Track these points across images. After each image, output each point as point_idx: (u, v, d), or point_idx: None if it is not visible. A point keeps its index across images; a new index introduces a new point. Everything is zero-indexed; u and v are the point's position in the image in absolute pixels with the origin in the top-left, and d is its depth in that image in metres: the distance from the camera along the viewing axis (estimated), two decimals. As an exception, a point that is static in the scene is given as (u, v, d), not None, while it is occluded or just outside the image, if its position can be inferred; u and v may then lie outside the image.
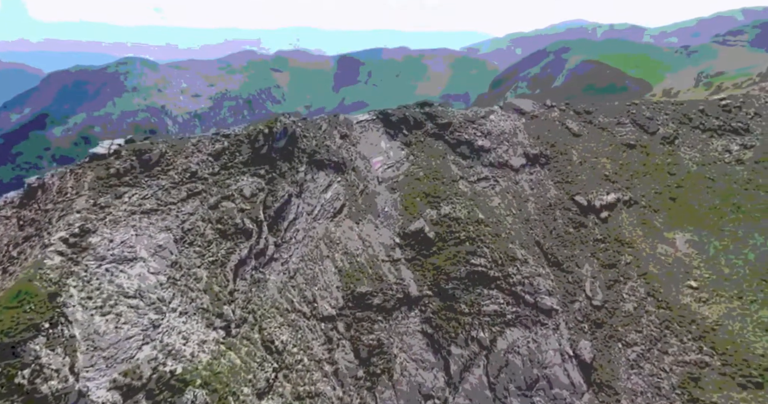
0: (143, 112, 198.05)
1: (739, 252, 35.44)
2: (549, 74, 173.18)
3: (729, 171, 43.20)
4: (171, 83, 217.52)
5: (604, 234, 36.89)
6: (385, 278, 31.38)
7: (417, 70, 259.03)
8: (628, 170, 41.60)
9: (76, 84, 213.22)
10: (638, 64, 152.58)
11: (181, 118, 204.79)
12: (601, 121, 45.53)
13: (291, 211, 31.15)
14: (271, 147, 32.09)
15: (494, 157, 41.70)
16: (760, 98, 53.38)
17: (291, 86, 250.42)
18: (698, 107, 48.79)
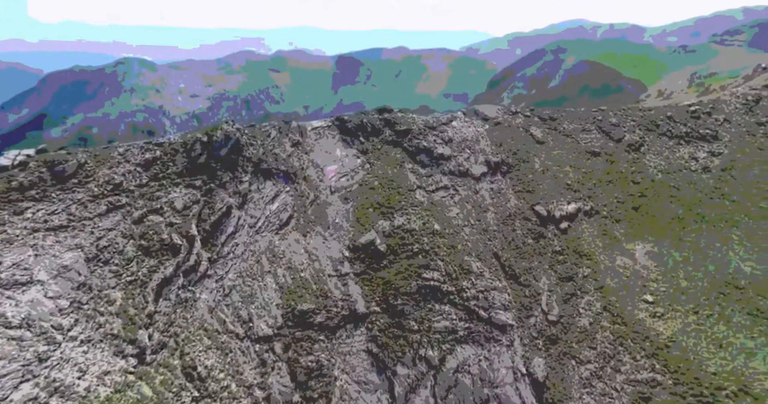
0: (141, 112, 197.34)
1: (700, 264, 34.92)
2: (546, 74, 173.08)
3: (695, 179, 42.87)
4: (169, 83, 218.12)
5: (563, 246, 36.12)
6: (330, 294, 30.13)
7: (416, 70, 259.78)
8: (591, 179, 40.97)
9: (73, 84, 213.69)
10: (635, 64, 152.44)
11: (179, 118, 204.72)
12: (565, 128, 44.92)
13: (230, 224, 29.76)
14: (211, 156, 30.68)
15: (454, 165, 40.76)
16: (731, 104, 53.40)
17: (290, 86, 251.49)
18: (666, 113, 48.52)
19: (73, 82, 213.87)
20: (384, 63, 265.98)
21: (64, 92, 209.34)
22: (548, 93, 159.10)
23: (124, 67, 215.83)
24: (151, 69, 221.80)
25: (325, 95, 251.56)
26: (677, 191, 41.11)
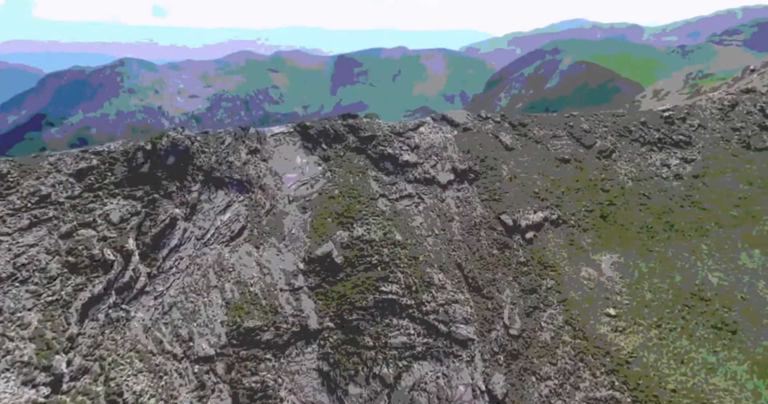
0: (140, 112, 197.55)
1: (666, 275, 34.33)
2: (542, 75, 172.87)
3: (666, 186, 42.42)
4: (168, 84, 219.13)
5: (527, 257, 35.33)
6: (281, 310, 28.97)
7: (415, 70, 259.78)
8: (559, 186, 40.30)
9: (72, 85, 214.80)
10: (633, 64, 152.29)
11: (178, 119, 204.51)
12: (536, 134, 44.27)
13: (174, 237, 28.48)
14: (156, 165, 29.40)
15: (420, 173, 39.85)
16: (706, 109, 53.24)
17: (288, 87, 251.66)
18: (640, 119, 48.11)
19: (72, 82, 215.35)
20: (383, 63, 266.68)
21: (62, 93, 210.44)
22: (545, 93, 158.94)
23: (123, 67, 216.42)
24: (150, 69, 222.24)
25: (324, 95, 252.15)
26: (647, 199, 40.60)
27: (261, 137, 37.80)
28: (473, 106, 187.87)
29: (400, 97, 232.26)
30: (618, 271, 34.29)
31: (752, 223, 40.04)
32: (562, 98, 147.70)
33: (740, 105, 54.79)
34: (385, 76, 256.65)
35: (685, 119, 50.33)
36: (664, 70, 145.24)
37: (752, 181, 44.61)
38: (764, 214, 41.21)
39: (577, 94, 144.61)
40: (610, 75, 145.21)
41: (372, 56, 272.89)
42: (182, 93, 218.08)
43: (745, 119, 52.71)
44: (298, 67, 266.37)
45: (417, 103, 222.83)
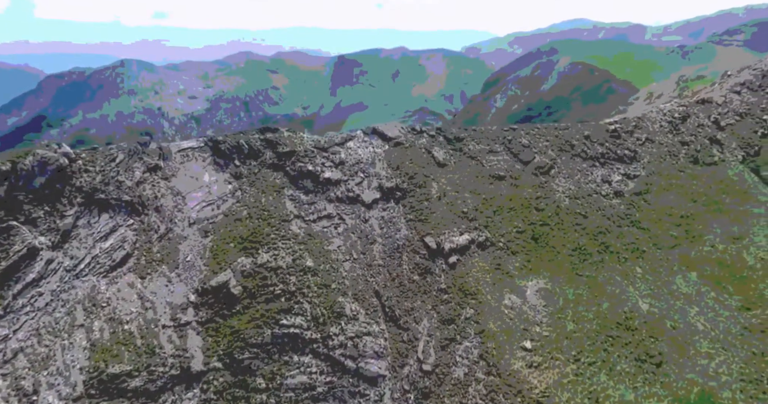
0: (140, 114, 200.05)
1: (593, 302, 32.88)
2: (539, 76, 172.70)
3: (604, 205, 41.26)
4: (168, 85, 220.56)
5: (449, 283, 33.54)
6: (159, 350, 26.50)
7: (415, 71, 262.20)
8: (491, 206, 38.76)
9: (72, 86, 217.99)
10: (630, 64, 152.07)
11: (178, 119, 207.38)
12: (471, 149, 42.81)
13: (33, 269, 25.89)
14: (16, 188, 26.82)
15: (343, 191, 37.91)
16: (657, 121, 52.68)
17: (288, 87, 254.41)
18: (584, 132, 47.11)
19: (72, 83, 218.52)
20: (382, 63, 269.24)
21: (62, 94, 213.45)
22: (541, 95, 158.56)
23: (123, 68, 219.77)
24: (150, 70, 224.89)
25: (323, 96, 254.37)
26: (583, 218, 39.32)
27: (165, 153, 35.43)
28: (471, 107, 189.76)
29: (399, 98, 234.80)
30: (543, 299, 32.68)
31: (692, 244, 39.07)
32: (558, 99, 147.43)
33: (692, 117, 54.48)
34: (384, 77, 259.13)
35: (633, 132, 49.60)
36: (663, 70, 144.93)
37: (697, 198, 43.86)
38: (706, 234, 40.37)
39: (573, 96, 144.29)
40: (605, 76, 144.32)
41: (372, 57, 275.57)
42: (182, 94, 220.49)
43: (696, 132, 52.33)
44: (297, 67, 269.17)
45: (416, 104, 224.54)
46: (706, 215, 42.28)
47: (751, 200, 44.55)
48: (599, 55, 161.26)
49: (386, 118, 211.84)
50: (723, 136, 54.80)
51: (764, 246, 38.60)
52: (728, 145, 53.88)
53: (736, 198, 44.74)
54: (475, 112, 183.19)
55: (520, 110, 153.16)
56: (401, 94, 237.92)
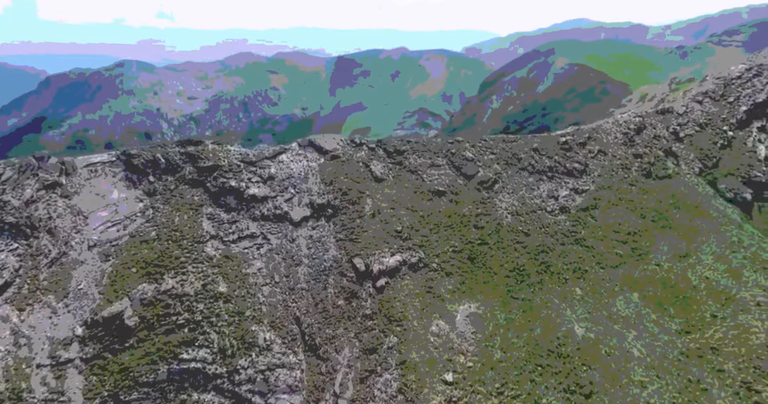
0: (139, 114, 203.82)
1: (526, 327, 31.77)
2: (535, 77, 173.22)
3: (548, 221, 40.47)
4: (167, 86, 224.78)
5: (375, 308, 32.08)
6: (27, 394, 24.32)
7: (414, 71, 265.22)
8: (428, 223, 37.59)
9: (71, 87, 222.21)
10: (629, 65, 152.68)
11: (177, 120, 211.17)
12: (412, 163, 41.71)
13: None
14: None
15: (270, 209, 36.32)
16: (611, 132, 52.47)
17: (287, 88, 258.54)
18: (533, 145, 46.48)
19: (71, 84, 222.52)
20: (382, 64, 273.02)
21: (62, 95, 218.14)
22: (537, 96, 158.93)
23: (122, 69, 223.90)
24: (150, 71, 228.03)
25: (322, 96, 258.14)
26: (525, 237, 38.41)
27: (68, 168, 33.38)
28: (467, 108, 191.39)
29: (398, 98, 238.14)
30: (472, 325, 31.44)
31: (637, 263, 38.46)
32: (554, 101, 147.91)
33: (648, 128, 54.50)
34: (384, 77, 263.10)
35: (585, 144, 49.21)
36: (661, 71, 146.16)
37: (646, 214, 43.47)
38: (653, 252, 39.86)
39: (568, 97, 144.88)
40: (601, 77, 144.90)
41: (371, 57, 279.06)
42: (181, 95, 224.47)
43: (651, 144, 52.27)
44: (297, 68, 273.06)
45: (416, 104, 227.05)
46: (654, 231, 41.84)
47: (703, 215, 44.39)
48: (597, 55, 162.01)
49: (385, 118, 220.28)
50: (681, 147, 54.99)
51: (710, 265, 38.21)
52: (686, 156, 54.02)
53: (687, 213, 44.53)
54: (472, 112, 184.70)
55: (516, 112, 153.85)
56: (401, 95, 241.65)
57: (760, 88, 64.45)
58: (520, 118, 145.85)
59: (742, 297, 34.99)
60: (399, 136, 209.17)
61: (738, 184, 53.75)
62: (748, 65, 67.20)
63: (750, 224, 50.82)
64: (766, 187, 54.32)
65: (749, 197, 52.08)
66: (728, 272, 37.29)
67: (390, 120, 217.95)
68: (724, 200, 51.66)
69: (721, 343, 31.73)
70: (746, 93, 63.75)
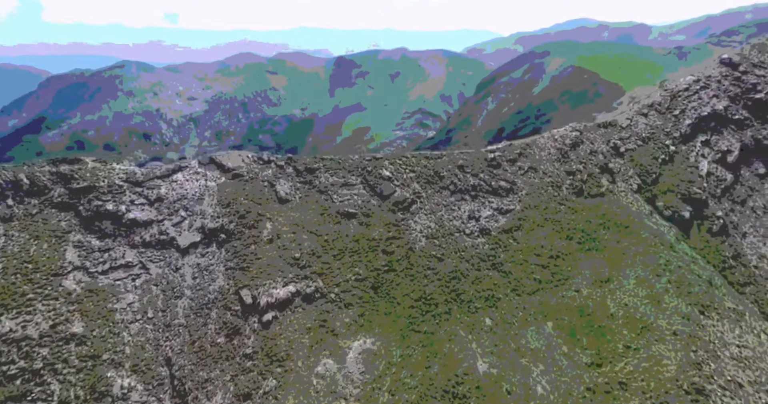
0: (138, 115, 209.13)
1: (422, 364, 30.43)
2: (530, 78, 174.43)
3: (466, 245, 39.57)
4: (167, 86, 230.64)
5: (258, 346, 30.20)
6: None
7: (414, 72, 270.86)
8: (332, 249, 36.12)
9: (71, 87, 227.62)
10: (624, 66, 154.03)
11: (176, 121, 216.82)
12: (323, 182, 40.35)
13: None
14: None
15: (154, 234, 34.23)
16: (546, 148, 52.41)
17: (287, 89, 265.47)
18: (458, 162, 45.84)
19: (71, 85, 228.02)
20: (382, 64, 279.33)
21: (62, 95, 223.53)
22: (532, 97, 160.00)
23: (122, 70, 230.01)
24: (149, 72, 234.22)
25: (322, 97, 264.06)
26: (438, 262, 37.34)
27: None
28: (463, 109, 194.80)
29: (398, 99, 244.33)
30: (364, 363, 29.91)
31: (556, 289, 37.82)
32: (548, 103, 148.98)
33: (585, 143, 54.77)
34: (383, 78, 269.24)
35: (516, 161, 48.92)
36: (659, 72, 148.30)
37: (573, 235, 43.12)
38: (574, 277, 39.35)
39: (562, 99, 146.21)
40: (595, 79, 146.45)
41: (370, 57, 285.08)
42: (181, 95, 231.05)
43: (586, 160, 52.39)
44: (297, 68, 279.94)
45: (415, 105, 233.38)
46: (579, 254, 41.44)
47: (632, 236, 44.32)
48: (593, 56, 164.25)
49: (385, 119, 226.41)
50: (620, 162, 55.39)
51: (631, 290, 37.88)
52: (624, 172, 54.39)
53: (616, 233, 44.41)
54: (468, 114, 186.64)
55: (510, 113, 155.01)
56: (400, 95, 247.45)
57: (706, 101, 66.10)
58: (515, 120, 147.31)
59: (659, 326, 34.62)
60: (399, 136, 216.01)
61: (677, 201, 54.36)
62: (696, 77, 68.97)
63: (687, 243, 51.27)
64: (706, 204, 55.12)
65: (687, 215, 52.67)
66: (649, 298, 36.98)
67: (389, 120, 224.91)
68: (661, 218, 52.11)
69: (631, 377, 31.06)
70: (692, 106, 65.25)
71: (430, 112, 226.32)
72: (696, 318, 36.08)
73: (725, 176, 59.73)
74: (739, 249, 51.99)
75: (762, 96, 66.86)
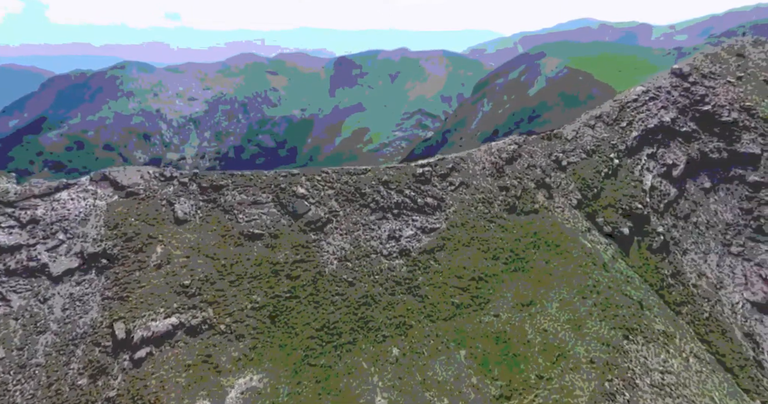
0: (138, 116, 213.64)
1: (312, 403, 28.55)
2: (526, 79, 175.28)
3: (382, 267, 38.17)
4: (167, 87, 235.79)
5: (124, 388, 27.86)
6: None
7: (414, 72, 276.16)
8: (230, 274, 34.19)
9: (72, 88, 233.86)
10: (621, 67, 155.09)
11: (176, 122, 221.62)
12: (229, 200, 38.51)
13: None
14: None
15: (21, 260, 31.67)
16: (481, 162, 51.78)
17: (287, 89, 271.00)
18: (383, 177, 44.70)
19: (72, 85, 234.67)
20: (382, 65, 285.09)
21: (63, 96, 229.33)
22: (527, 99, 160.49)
23: (123, 70, 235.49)
24: (150, 72, 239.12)
25: (323, 97, 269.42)
26: (348, 287, 35.77)
27: None
28: (460, 110, 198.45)
29: (398, 99, 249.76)
30: (245, 403, 27.90)
31: (474, 314, 36.65)
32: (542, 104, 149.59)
33: (524, 157, 54.50)
34: (383, 78, 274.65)
35: (447, 176, 48.09)
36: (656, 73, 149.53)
37: (500, 255, 42.23)
38: (497, 300, 38.32)
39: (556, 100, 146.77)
40: (589, 80, 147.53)
41: (370, 58, 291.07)
42: (181, 96, 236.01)
43: (523, 175, 51.98)
44: (298, 69, 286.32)
45: (415, 106, 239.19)
46: (503, 275, 40.52)
47: (563, 255, 43.74)
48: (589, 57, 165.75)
49: (385, 119, 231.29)
50: (561, 176, 55.24)
51: (552, 315, 37.01)
52: (565, 187, 54.20)
53: (546, 252, 43.79)
54: (463, 115, 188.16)
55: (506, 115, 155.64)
56: (400, 96, 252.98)
57: (654, 112, 66.80)
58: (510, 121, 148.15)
59: (576, 353, 33.71)
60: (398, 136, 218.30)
61: (618, 216, 54.35)
62: (645, 87, 69.93)
63: (626, 261, 51.12)
64: (647, 219, 55.30)
65: (627, 232, 52.57)
66: (570, 323, 36.16)
67: (389, 121, 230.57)
68: (600, 235, 51.94)
69: (540, 411, 29.92)
70: (640, 117, 65.81)
71: (430, 113, 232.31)
72: (618, 343, 35.38)
73: (669, 190, 60.24)
74: (678, 266, 52.12)
75: (709, 108, 67.93)
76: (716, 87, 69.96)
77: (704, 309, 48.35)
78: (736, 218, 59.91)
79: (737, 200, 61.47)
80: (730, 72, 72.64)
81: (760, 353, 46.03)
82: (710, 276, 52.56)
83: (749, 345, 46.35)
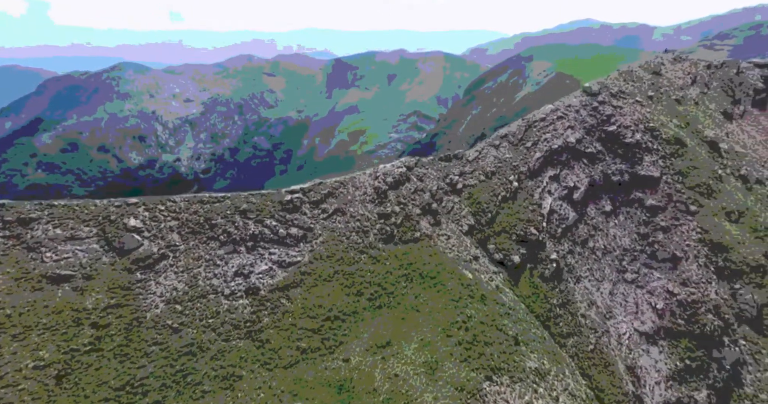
0: (134, 117, 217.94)
1: None
2: (514, 83, 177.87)
3: (221, 309, 35.31)
4: (163, 88, 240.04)
5: None
6: None
7: (411, 74, 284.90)
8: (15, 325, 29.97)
9: (68, 89, 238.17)
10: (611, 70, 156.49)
11: (172, 123, 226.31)
12: (39, 236, 34.54)
13: None
14: None
15: None
16: (362, 186, 50.39)
17: (285, 91, 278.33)
18: (242, 206, 42.20)
19: (69, 86, 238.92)
20: (379, 66, 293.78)
21: (60, 97, 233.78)
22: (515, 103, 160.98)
23: (119, 72, 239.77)
24: (146, 74, 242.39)
25: (320, 99, 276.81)
26: (172, 334, 32.50)
27: None
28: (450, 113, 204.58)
29: (394, 101, 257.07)
30: None
31: (321, 359, 34.33)
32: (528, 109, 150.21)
33: (413, 180, 53.78)
34: (380, 80, 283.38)
35: (321, 202, 46.32)
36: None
37: (365, 290, 40.51)
38: (352, 340, 36.27)
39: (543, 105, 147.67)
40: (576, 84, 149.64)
41: (367, 60, 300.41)
42: (177, 97, 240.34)
43: (408, 200, 51.11)
44: (295, 70, 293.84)
45: (411, 107, 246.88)
46: (365, 313, 38.71)
47: (436, 288, 42.56)
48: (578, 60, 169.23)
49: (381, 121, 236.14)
50: (455, 201, 54.87)
51: (408, 357, 35.36)
52: (457, 211, 53.76)
53: (418, 286, 42.53)
54: (453, 118, 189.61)
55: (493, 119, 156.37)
56: (396, 98, 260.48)
57: (560, 132, 68.06)
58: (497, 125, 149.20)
59: (423, 401, 32.06)
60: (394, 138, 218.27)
61: (511, 243, 54.43)
62: (555, 106, 71.54)
63: (513, 291, 50.83)
64: (543, 246, 55.69)
65: (518, 259, 52.49)
66: (426, 365, 34.58)
67: (385, 123, 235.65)
68: (490, 263, 51.61)
69: (369, 474, 27.79)
70: (545, 137, 66.94)
71: (426, 115, 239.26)
72: (476, 386, 34.05)
73: (568, 214, 61.23)
74: (569, 295, 52.47)
75: (614, 129, 70.11)
76: (624, 107, 72.37)
77: (590, 341, 48.53)
78: (633, 243, 61.57)
79: (635, 225, 63.27)
80: (642, 91, 75.89)
81: (640, 387, 46.41)
82: (600, 305, 53.22)
83: (630, 379, 46.70)
